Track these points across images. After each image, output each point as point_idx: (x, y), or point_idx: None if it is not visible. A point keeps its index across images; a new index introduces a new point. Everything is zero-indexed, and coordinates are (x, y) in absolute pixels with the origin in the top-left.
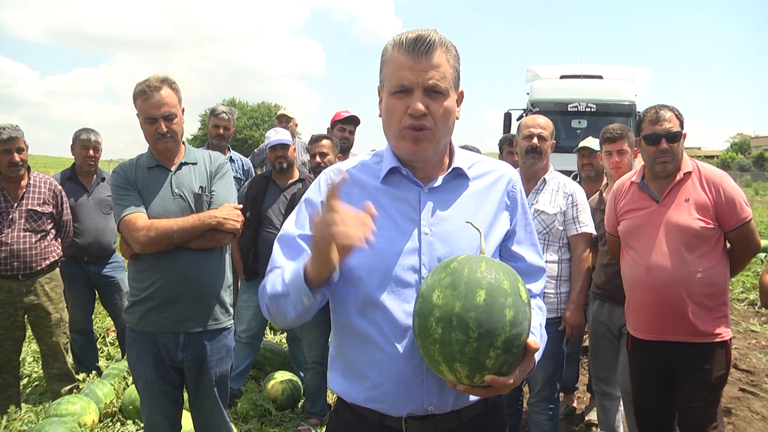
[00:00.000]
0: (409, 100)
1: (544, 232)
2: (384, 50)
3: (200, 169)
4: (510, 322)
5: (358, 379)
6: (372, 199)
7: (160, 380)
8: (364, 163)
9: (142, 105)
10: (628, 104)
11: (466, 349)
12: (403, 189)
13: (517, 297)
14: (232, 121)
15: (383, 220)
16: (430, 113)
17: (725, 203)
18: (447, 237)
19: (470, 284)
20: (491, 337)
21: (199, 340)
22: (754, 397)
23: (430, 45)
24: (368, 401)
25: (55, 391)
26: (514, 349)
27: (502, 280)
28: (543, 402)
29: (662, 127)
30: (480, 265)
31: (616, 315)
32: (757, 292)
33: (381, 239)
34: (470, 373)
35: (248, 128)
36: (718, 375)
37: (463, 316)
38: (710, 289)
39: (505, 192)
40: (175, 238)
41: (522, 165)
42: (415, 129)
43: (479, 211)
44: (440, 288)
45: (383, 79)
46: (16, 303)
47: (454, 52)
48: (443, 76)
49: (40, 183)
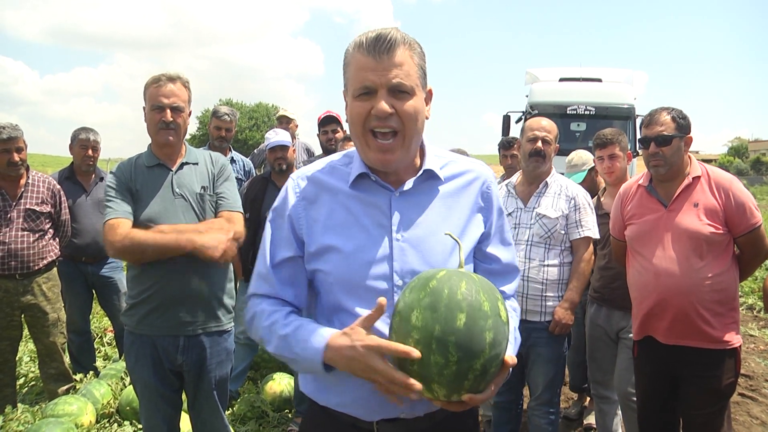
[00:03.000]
0: (373, 101)
1: (546, 236)
2: (345, 53)
3: (201, 170)
4: (489, 344)
5: (330, 383)
6: (341, 205)
7: (158, 383)
8: (333, 166)
9: (152, 92)
10: (627, 107)
11: (444, 371)
12: (373, 194)
13: (497, 318)
14: (234, 123)
15: (353, 227)
16: (397, 113)
17: (735, 208)
18: (419, 243)
19: (450, 307)
20: (471, 360)
21: (198, 343)
22: (753, 402)
23: (392, 43)
24: (339, 406)
25: (52, 391)
26: (492, 369)
27: (482, 301)
28: (543, 406)
29: (653, 131)
30: (460, 286)
31: (614, 319)
32: (756, 296)
33: (351, 246)
34: (448, 393)
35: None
36: (727, 383)
37: (443, 340)
38: (720, 295)
39: (479, 193)
40: (149, 253)
41: (525, 168)
42: (383, 136)
43: (452, 214)
44: (419, 309)
45: (346, 83)
46: (13, 302)
47: (419, 50)
48: (407, 74)
49: (39, 182)
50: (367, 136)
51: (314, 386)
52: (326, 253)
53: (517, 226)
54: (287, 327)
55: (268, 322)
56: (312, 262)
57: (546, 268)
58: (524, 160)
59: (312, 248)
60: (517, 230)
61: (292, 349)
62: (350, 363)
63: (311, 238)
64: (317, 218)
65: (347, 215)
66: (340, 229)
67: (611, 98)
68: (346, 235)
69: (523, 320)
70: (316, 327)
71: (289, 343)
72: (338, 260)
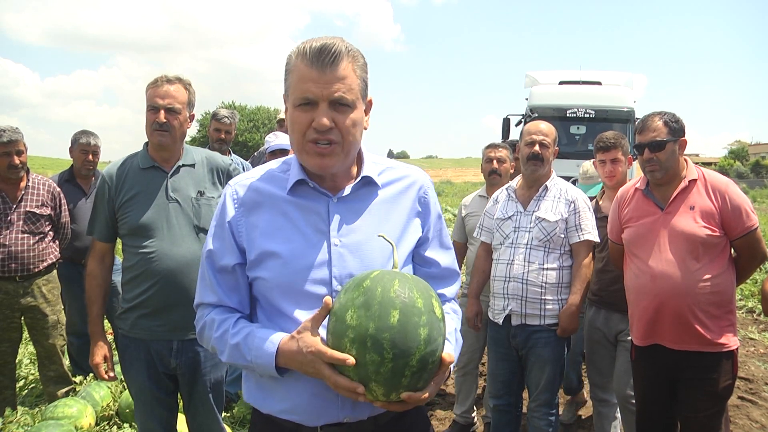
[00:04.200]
0: (314, 113)
1: (545, 239)
2: (288, 58)
3: (198, 172)
4: (425, 340)
5: (272, 391)
6: (280, 211)
7: (153, 387)
8: (271, 173)
9: (150, 93)
10: (627, 110)
11: (381, 369)
12: (312, 200)
13: (431, 314)
14: (234, 125)
15: (292, 233)
16: (337, 126)
17: (731, 211)
18: (357, 248)
19: (383, 304)
20: (406, 356)
21: (192, 346)
22: (753, 405)
23: (336, 56)
24: (282, 412)
25: (52, 393)
26: (429, 365)
27: (416, 298)
28: (542, 407)
29: (646, 137)
30: (393, 284)
31: (612, 321)
32: (756, 300)
33: (290, 251)
34: (386, 392)
35: (248, 131)
36: (724, 385)
37: (378, 338)
38: (717, 297)
39: (417, 198)
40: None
41: (524, 171)
42: (321, 144)
43: (390, 219)
44: (354, 308)
45: (287, 89)
46: (12, 305)
47: (362, 61)
48: (349, 88)
49: (39, 185)
50: (306, 144)
51: (257, 393)
52: (266, 259)
53: (517, 229)
54: (237, 335)
55: (219, 333)
56: (252, 270)
57: (545, 271)
58: (523, 164)
59: (252, 255)
60: (516, 233)
61: (245, 356)
62: (301, 367)
63: (251, 244)
64: (256, 225)
65: (286, 221)
66: (279, 234)
67: (611, 101)
68: (285, 241)
69: (523, 324)
70: (265, 333)
71: (241, 351)
72: (277, 266)
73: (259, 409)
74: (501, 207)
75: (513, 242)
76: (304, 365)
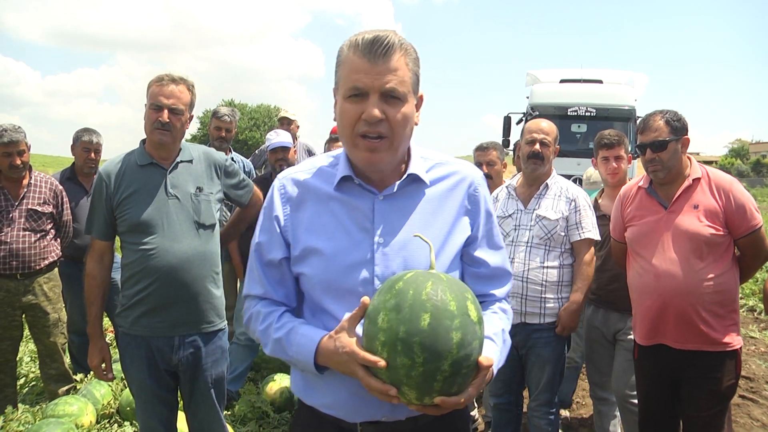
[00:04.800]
0: (364, 105)
1: (546, 237)
2: (339, 51)
3: (196, 168)
4: (457, 344)
5: (315, 385)
6: (325, 207)
7: (154, 384)
8: (319, 168)
9: (154, 90)
10: (628, 109)
11: (412, 373)
12: (357, 197)
13: (465, 317)
14: (234, 123)
15: (335, 230)
16: (387, 119)
17: (735, 210)
18: (401, 247)
19: (414, 307)
20: (437, 361)
21: (193, 342)
22: (754, 404)
23: (388, 47)
24: (323, 407)
25: (53, 391)
26: (463, 370)
27: (448, 301)
28: (543, 407)
29: (648, 137)
30: (426, 286)
31: (611, 320)
32: (757, 298)
33: (333, 249)
34: (419, 396)
35: (249, 129)
36: (727, 384)
37: (408, 341)
38: (720, 296)
39: (466, 195)
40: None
41: (524, 170)
42: (371, 138)
43: (436, 218)
44: (385, 311)
45: (338, 82)
46: (14, 302)
47: (414, 55)
48: (401, 80)
49: (41, 183)
50: (355, 137)
51: (302, 386)
52: (309, 255)
53: (517, 227)
54: (280, 330)
55: (263, 326)
56: (296, 265)
57: (546, 269)
58: (523, 162)
59: (296, 251)
60: (517, 232)
61: (287, 351)
62: (338, 366)
63: (295, 240)
64: (301, 220)
65: (330, 218)
66: (322, 231)
67: (612, 100)
68: (329, 238)
69: (523, 322)
70: (307, 330)
71: (283, 346)
72: (320, 263)
73: (303, 400)
74: (501, 205)
75: (513, 240)
76: (340, 365)
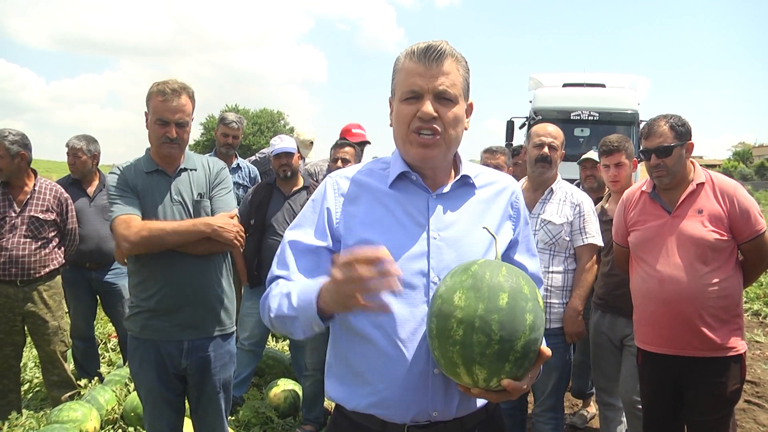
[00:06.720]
0: (419, 105)
1: (551, 242)
2: (396, 60)
3: (199, 176)
4: (530, 326)
5: (359, 384)
6: (380, 203)
7: (163, 388)
8: (370, 169)
9: (157, 105)
10: (631, 113)
11: (487, 351)
12: (411, 194)
13: (535, 302)
14: (241, 130)
15: (391, 224)
16: (440, 117)
17: (739, 214)
18: (455, 242)
19: (493, 287)
20: (512, 340)
21: (202, 346)
22: (760, 409)
23: (441, 53)
24: (370, 407)
25: (56, 398)
26: (530, 354)
27: (522, 284)
28: (547, 412)
29: (653, 142)
30: (501, 270)
31: (618, 326)
32: (762, 302)
33: (389, 243)
34: (488, 377)
35: (253, 135)
36: (732, 389)
37: (486, 318)
38: (725, 301)
39: (509, 203)
40: (168, 241)
41: (531, 174)
42: (425, 134)
43: (485, 218)
44: (462, 290)
45: (394, 88)
46: (14, 308)
47: (464, 64)
48: (453, 83)
49: (45, 190)
50: (410, 134)
51: (341, 391)
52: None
53: None
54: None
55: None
56: None
57: (551, 274)
58: (530, 166)
59: (350, 242)
60: None
61: (292, 304)
62: (332, 296)
63: (349, 232)
64: (355, 214)
65: (386, 212)
66: (378, 225)
67: (615, 104)
68: (385, 231)
69: None
70: (311, 280)
71: (290, 299)
72: None
73: (344, 405)
74: None
75: None
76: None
